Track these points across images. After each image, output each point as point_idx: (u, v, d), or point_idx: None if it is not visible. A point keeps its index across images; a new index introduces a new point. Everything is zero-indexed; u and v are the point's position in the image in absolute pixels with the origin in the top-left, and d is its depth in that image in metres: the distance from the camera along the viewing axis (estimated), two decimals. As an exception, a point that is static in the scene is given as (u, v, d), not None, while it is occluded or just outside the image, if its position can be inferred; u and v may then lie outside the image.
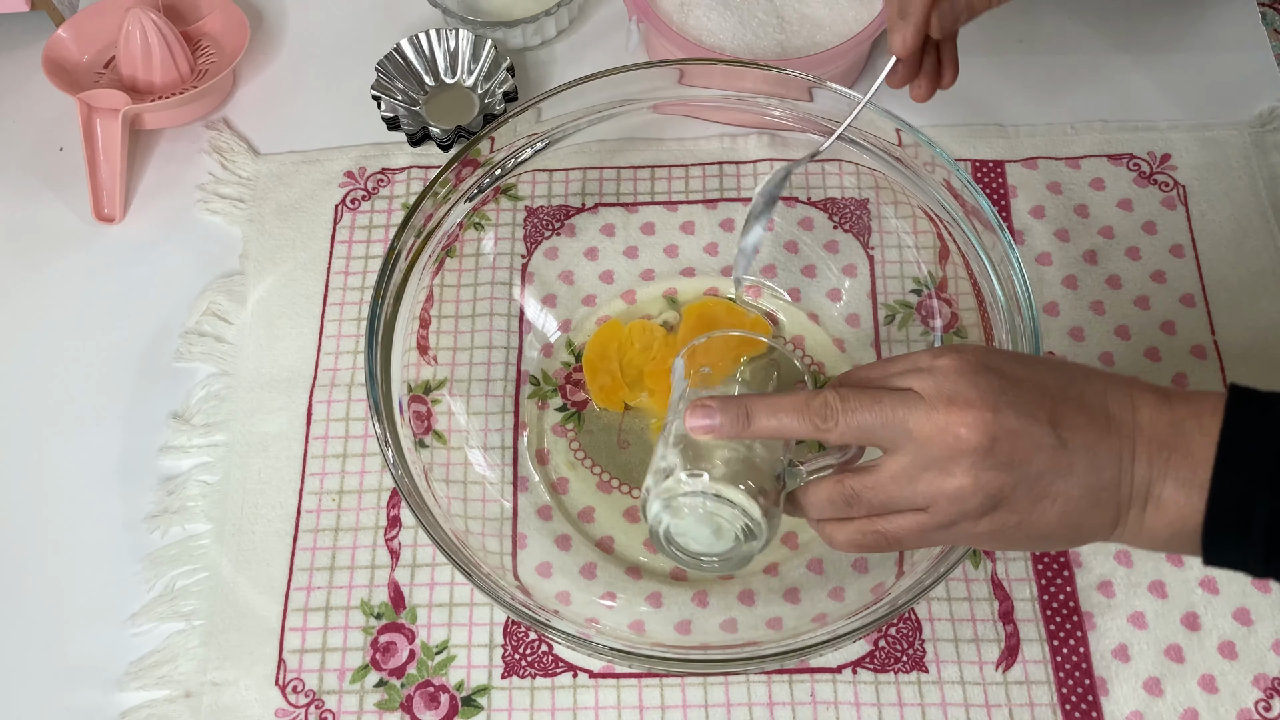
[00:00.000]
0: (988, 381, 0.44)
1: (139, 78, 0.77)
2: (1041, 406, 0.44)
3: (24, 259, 0.74)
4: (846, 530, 0.49)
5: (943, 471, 0.44)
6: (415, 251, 0.62)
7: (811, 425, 0.46)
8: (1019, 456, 0.44)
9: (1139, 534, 0.45)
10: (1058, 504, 0.44)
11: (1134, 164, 0.74)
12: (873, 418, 0.45)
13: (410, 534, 0.64)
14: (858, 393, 0.46)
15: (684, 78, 0.66)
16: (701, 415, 0.48)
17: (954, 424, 0.44)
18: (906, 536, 0.47)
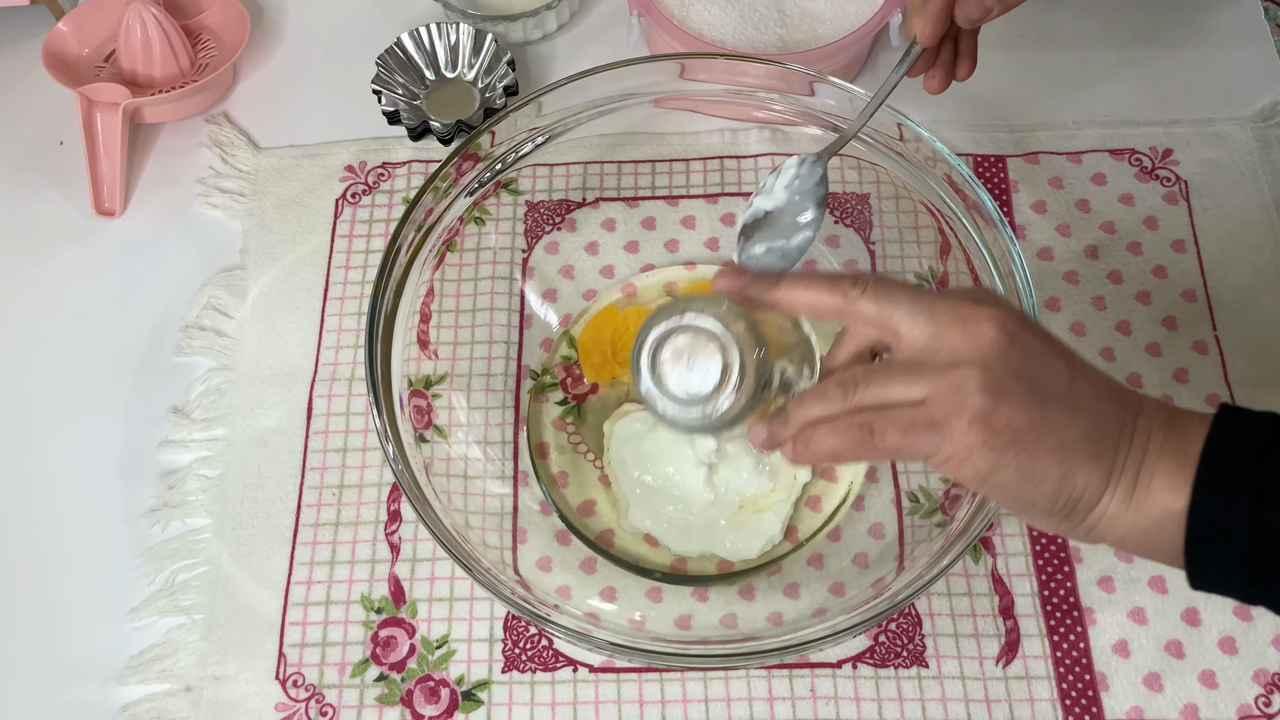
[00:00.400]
0: (1017, 309, 0.46)
1: (139, 71, 0.77)
2: (1059, 350, 0.45)
3: (24, 253, 0.74)
4: (830, 427, 0.46)
5: (953, 360, 0.44)
6: (416, 246, 0.62)
7: (840, 294, 0.47)
8: (1032, 369, 0.43)
9: (1124, 513, 0.43)
10: (1057, 436, 0.43)
11: (1136, 159, 0.74)
12: (902, 294, 0.46)
13: (410, 529, 0.64)
14: (885, 282, 0.47)
15: (685, 72, 0.66)
16: (732, 275, 0.49)
17: (979, 315, 0.44)
18: (893, 433, 0.45)
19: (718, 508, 0.63)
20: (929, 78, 0.62)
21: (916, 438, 0.45)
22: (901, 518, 0.63)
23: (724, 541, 0.62)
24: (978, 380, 0.43)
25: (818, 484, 0.64)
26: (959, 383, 0.43)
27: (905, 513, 0.63)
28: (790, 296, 0.48)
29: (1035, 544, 0.62)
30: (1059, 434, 0.43)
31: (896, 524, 0.63)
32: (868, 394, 0.46)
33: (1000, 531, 0.63)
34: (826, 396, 0.47)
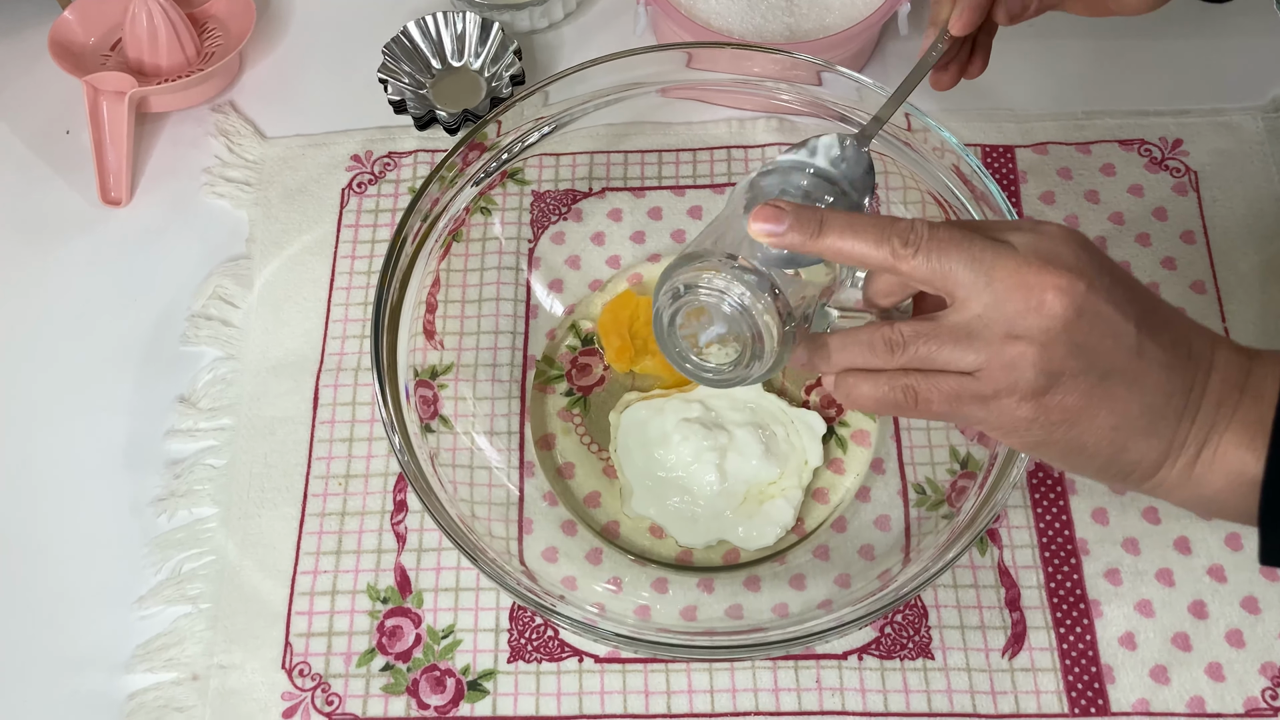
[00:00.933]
0: (1089, 257, 0.41)
1: (145, 60, 0.77)
2: (1133, 305, 0.41)
3: (30, 243, 0.74)
4: (873, 382, 0.44)
5: (1010, 332, 0.41)
6: (422, 236, 0.62)
7: (889, 250, 0.42)
8: (1095, 343, 0.40)
9: (1184, 484, 0.42)
10: (1114, 414, 0.41)
11: (1145, 150, 0.74)
12: (958, 253, 0.41)
13: (416, 518, 0.64)
14: (946, 227, 0.42)
15: (692, 61, 0.66)
16: (770, 216, 0.43)
17: (1044, 284, 0.40)
18: (938, 401, 0.43)
19: (724, 497, 0.63)
20: (940, 73, 0.59)
21: (962, 408, 0.43)
22: (908, 509, 0.63)
23: (736, 530, 0.62)
24: (1034, 358, 0.41)
25: (823, 475, 0.64)
26: (1014, 359, 0.41)
27: (912, 504, 0.63)
28: (835, 245, 0.43)
29: (1042, 536, 0.62)
30: (1115, 411, 0.41)
31: (903, 516, 0.63)
32: (915, 357, 0.43)
33: (1007, 523, 0.63)
34: (872, 350, 0.44)
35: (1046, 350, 0.40)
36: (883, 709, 0.58)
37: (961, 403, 0.43)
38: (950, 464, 0.63)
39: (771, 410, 0.65)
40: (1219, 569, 0.61)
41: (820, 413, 0.65)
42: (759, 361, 0.46)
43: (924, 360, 0.43)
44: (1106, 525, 0.62)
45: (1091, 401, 0.41)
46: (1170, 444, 0.42)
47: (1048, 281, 0.40)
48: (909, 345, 0.43)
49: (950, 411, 0.43)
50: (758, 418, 0.64)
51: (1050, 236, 0.42)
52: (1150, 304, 0.43)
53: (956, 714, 0.58)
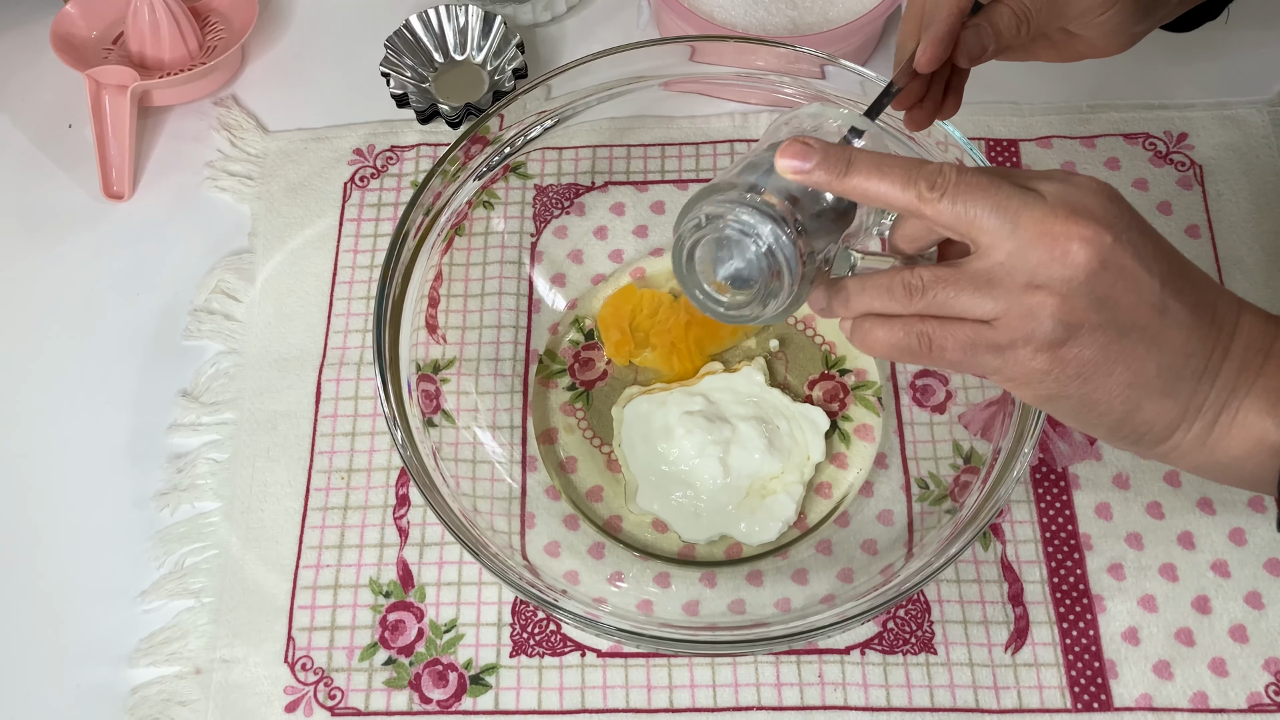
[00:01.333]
0: (1119, 210, 0.41)
1: (147, 54, 0.76)
2: (1159, 261, 0.41)
3: (33, 237, 0.74)
4: (888, 327, 0.44)
5: (1031, 281, 0.40)
6: (424, 230, 0.62)
7: (916, 193, 0.41)
8: (1117, 297, 0.40)
9: (1199, 449, 0.42)
10: (1130, 371, 0.41)
11: (1150, 143, 0.74)
12: (985, 199, 0.40)
13: (419, 513, 0.64)
14: (974, 172, 0.41)
15: (695, 55, 0.65)
16: (797, 152, 0.42)
17: (1069, 234, 0.40)
18: (953, 349, 0.43)
19: (727, 492, 0.63)
20: (916, 111, 0.56)
21: (977, 357, 0.42)
22: (911, 504, 0.63)
23: (738, 525, 0.62)
24: (1053, 308, 0.40)
25: (826, 470, 0.64)
26: (1033, 309, 0.40)
27: (915, 499, 0.63)
28: (862, 186, 0.42)
29: (1045, 531, 0.62)
30: (1132, 369, 0.41)
31: (906, 511, 0.62)
32: (933, 302, 0.42)
33: (1010, 518, 0.63)
34: (890, 294, 0.43)
35: (1067, 301, 0.40)
36: (885, 704, 0.58)
37: (976, 351, 0.42)
38: (953, 459, 0.63)
39: (775, 404, 0.65)
40: (1223, 564, 0.61)
41: (823, 408, 0.65)
42: (775, 300, 0.46)
43: (942, 306, 0.42)
44: (1110, 520, 0.62)
45: (1108, 357, 0.41)
46: (1187, 406, 0.42)
47: (1073, 232, 0.40)
48: (928, 290, 0.42)
49: (964, 360, 0.43)
50: (761, 412, 0.64)
51: (1080, 187, 0.41)
52: (1178, 263, 0.42)
53: (959, 709, 0.58)
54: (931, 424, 0.65)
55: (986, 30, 0.51)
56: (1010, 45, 0.52)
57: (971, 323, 0.42)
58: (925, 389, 0.66)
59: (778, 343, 0.68)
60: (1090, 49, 0.56)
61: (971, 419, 0.63)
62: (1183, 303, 0.41)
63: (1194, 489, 0.63)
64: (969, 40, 0.51)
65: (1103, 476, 0.63)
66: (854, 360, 0.67)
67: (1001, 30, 0.52)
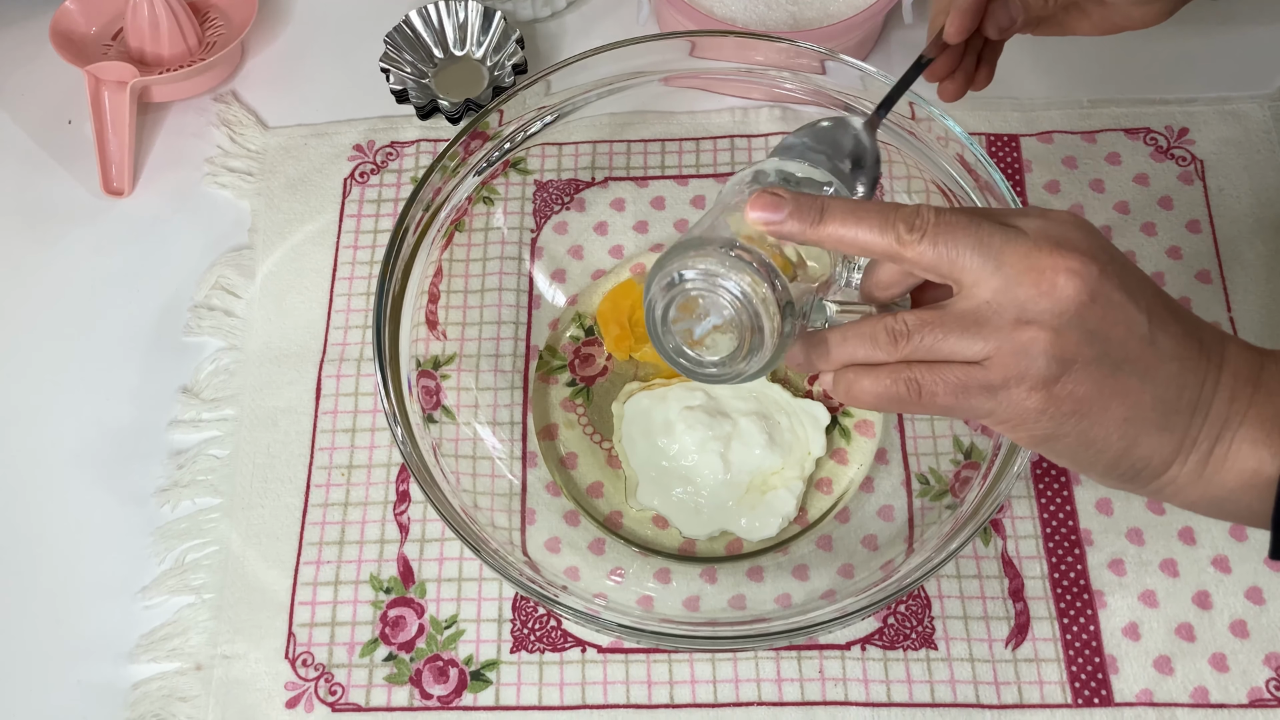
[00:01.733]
0: (1101, 243, 0.40)
1: (147, 50, 0.76)
2: (1143, 294, 0.40)
3: (33, 233, 0.74)
4: (874, 376, 0.42)
5: (1021, 317, 0.39)
6: (424, 226, 0.62)
7: (894, 236, 0.40)
8: (1108, 330, 0.39)
9: (1195, 483, 0.41)
10: (1126, 405, 0.40)
11: (1151, 138, 0.74)
12: (966, 238, 0.39)
13: (419, 509, 0.64)
14: (953, 212, 0.40)
15: (695, 50, 0.65)
16: (767, 204, 0.42)
17: (1056, 266, 0.39)
18: (944, 394, 0.41)
19: (727, 487, 0.63)
20: (948, 83, 0.57)
21: (970, 400, 0.41)
22: (911, 500, 0.63)
23: (739, 521, 0.62)
24: (1045, 344, 0.39)
25: (827, 465, 0.64)
26: (1025, 345, 0.39)
27: (915, 495, 0.63)
28: (838, 234, 0.41)
29: (1045, 526, 0.62)
30: (1127, 403, 0.40)
31: (906, 506, 0.62)
32: (919, 347, 0.41)
33: (1010, 514, 0.63)
34: (874, 342, 0.42)
35: (1059, 335, 0.39)
36: (886, 699, 0.58)
37: (969, 394, 0.41)
38: (954, 454, 0.63)
39: (775, 399, 0.65)
40: (1223, 559, 0.61)
41: (824, 403, 0.65)
42: (756, 355, 0.44)
43: (929, 350, 0.41)
44: (1110, 516, 0.62)
45: (1103, 391, 0.40)
46: (1182, 440, 0.41)
47: (1059, 264, 0.39)
48: (913, 334, 0.41)
49: (956, 404, 0.42)
50: (762, 407, 0.64)
51: (1059, 221, 0.41)
52: (1160, 296, 0.42)
53: (960, 704, 0.58)
54: (932, 419, 0.64)
55: (1015, 2, 0.52)
56: (1040, 16, 0.53)
57: (961, 365, 0.41)
58: (926, 384, 0.66)
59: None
60: (1126, 20, 0.56)
61: (972, 414, 0.63)
62: (1170, 334, 0.41)
63: (1195, 484, 0.63)
64: (997, 12, 0.52)
65: (1103, 472, 0.63)
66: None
67: (1030, 1, 0.52)
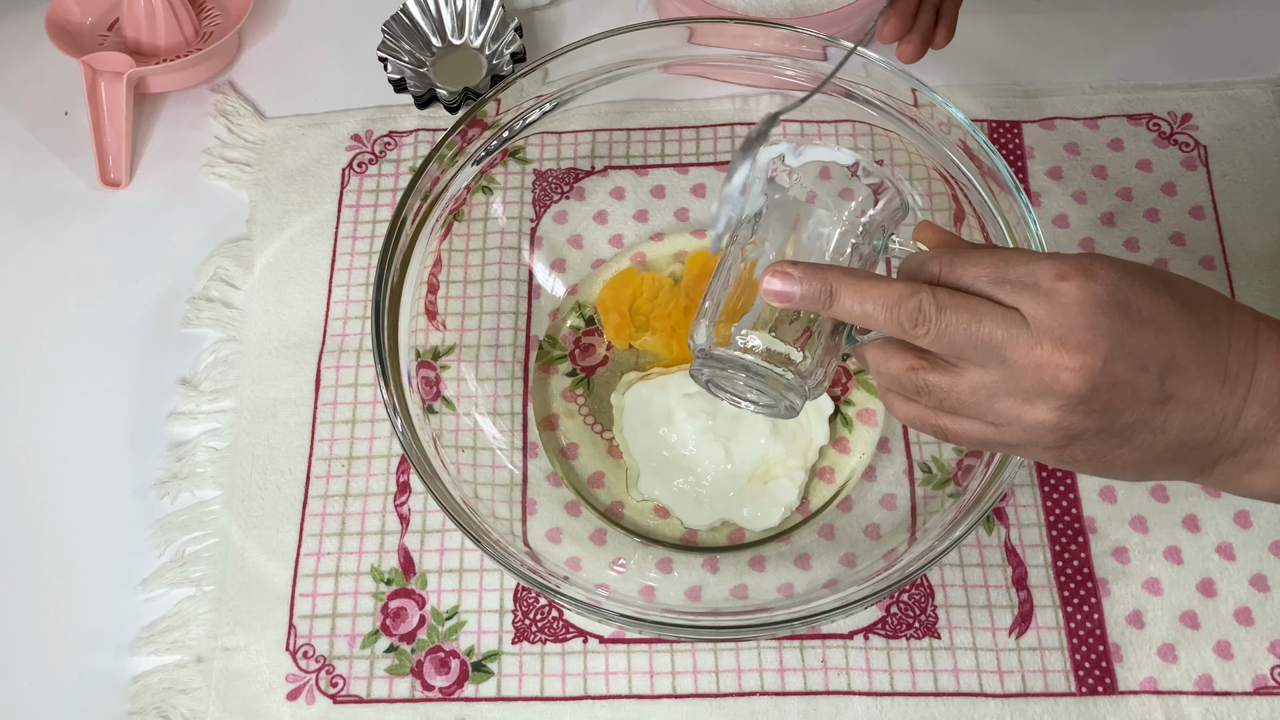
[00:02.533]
0: (1109, 323, 0.40)
1: (143, 40, 0.76)
2: (1158, 355, 0.40)
3: (30, 225, 0.73)
4: (909, 409, 0.46)
5: (1026, 402, 0.41)
6: (422, 216, 0.61)
7: (898, 327, 0.43)
8: (1114, 405, 0.41)
9: (1235, 486, 0.43)
10: (1137, 452, 0.42)
11: (1154, 124, 0.73)
12: (967, 336, 0.41)
13: (420, 500, 0.63)
14: (956, 303, 0.42)
15: (694, 37, 0.65)
16: (780, 280, 0.44)
17: (1057, 365, 0.40)
18: (966, 440, 0.45)
19: (729, 477, 0.62)
20: (904, 43, 0.57)
21: (990, 447, 0.46)
22: (914, 488, 0.62)
23: (741, 510, 0.62)
24: (1052, 425, 0.42)
25: (829, 454, 0.64)
26: (1032, 425, 0.42)
27: (918, 483, 0.62)
28: (845, 311, 0.44)
29: (1049, 515, 0.62)
30: (1139, 449, 0.42)
31: (909, 494, 0.62)
32: (940, 404, 0.44)
33: (1014, 502, 0.62)
34: (901, 386, 0.45)
35: (1064, 419, 0.41)
36: (889, 688, 0.58)
37: (988, 443, 0.45)
38: (956, 442, 0.62)
39: (776, 389, 0.65)
40: (1228, 547, 0.61)
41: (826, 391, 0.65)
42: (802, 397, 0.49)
43: (951, 408, 0.44)
44: (1114, 504, 0.62)
45: (1112, 447, 0.42)
46: (1203, 464, 0.43)
47: (1060, 363, 0.40)
48: (932, 394, 0.44)
49: (980, 447, 0.46)
50: (763, 397, 0.64)
51: (1065, 307, 0.40)
52: (1183, 331, 0.41)
53: (963, 693, 0.58)
54: (934, 408, 0.64)
55: None
56: None
57: (980, 423, 0.44)
58: (928, 373, 0.65)
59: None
60: None
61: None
62: (1188, 381, 0.41)
63: (1199, 471, 0.63)
64: None
65: (1107, 459, 0.63)
66: (856, 344, 0.67)
67: None
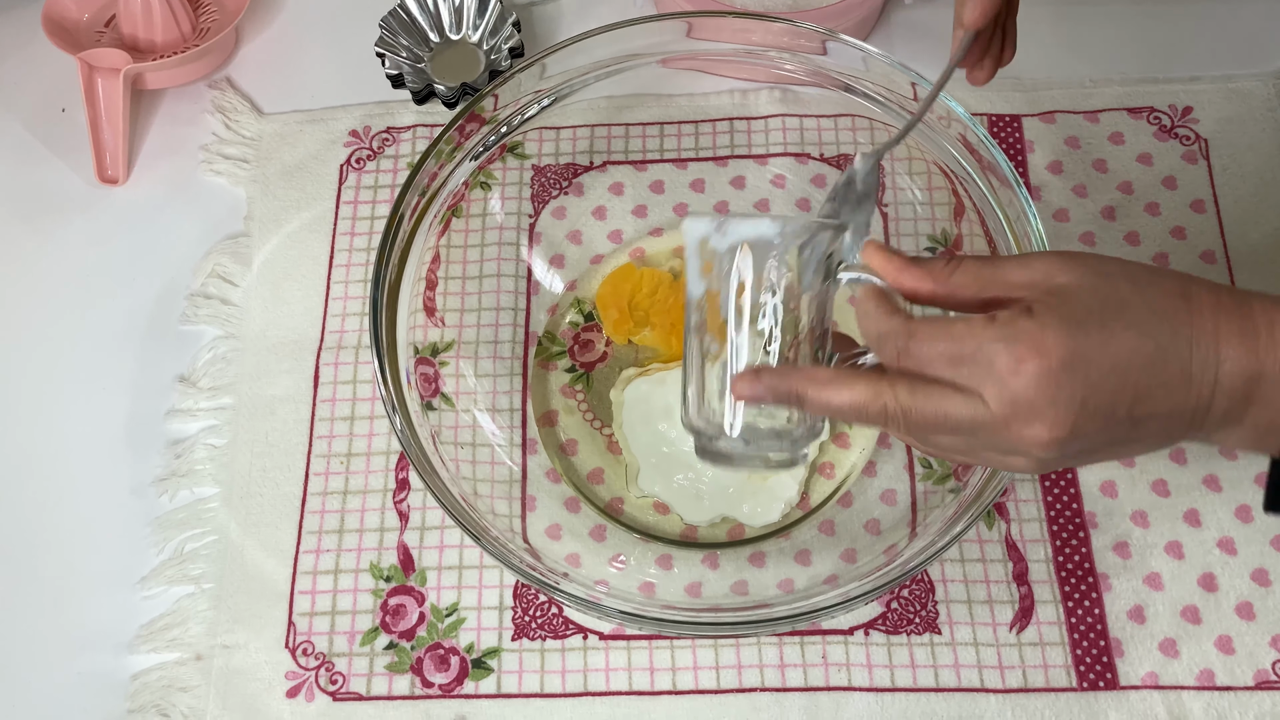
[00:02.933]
0: (1068, 394, 0.40)
1: (140, 36, 0.76)
2: (1123, 398, 0.41)
3: (27, 222, 0.73)
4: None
5: (1004, 455, 0.43)
6: (420, 212, 0.61)
7: (871, 423, 0.44)
8: (1088, 447, 0.42)
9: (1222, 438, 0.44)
10: (1117, 457, 0.45)
11: (1155, 117, 0.73)
12: (938, 423, 0.42)
13: (419, 496, 0.63)
14: (919, 401, 0.42)
15: (693, 31, 0.65)
16: (748, 386, 0.45)
17: (1027, 439, 0.41)
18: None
19: (730, 473, 0.62)
20: (978, 68, 0.56)
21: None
22: (914, 483, 0.62)
23: (741, 506, 0.62)
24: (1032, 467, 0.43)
25: (829, 449, 0.64)
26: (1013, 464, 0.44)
27: (918, 479, 0.62)
28: (815, 410, 0.45)
29: (1050, 509, 0.62)
30: (1121, 454, 0.44)
31: (909, 490, 0.62)
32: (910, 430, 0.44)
33: (1014, 497, 0.62)
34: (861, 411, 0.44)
35: (1039, 460, 0.43)
36: (889, 684, 0.58)
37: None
38: (957, 438, 0.62)
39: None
40: (1229, 541, 0.60)
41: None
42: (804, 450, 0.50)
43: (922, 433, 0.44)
44: (1115, 498, 0.62)
45: (1095, 457, 0.44)
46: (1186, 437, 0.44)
47: (1030, 437, 0.41)
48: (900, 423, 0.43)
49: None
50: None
51: (1022, 388, 0.40)
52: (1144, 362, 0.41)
53: (964, 689, 0.58)
54: (934, 403, 0.64)
55: None
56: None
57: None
58: (928, 368, 0.65)
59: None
60: None
61: (975, 397, 0.63)
62: (1154, 408, 0.41)
63: (1200, 466, 0.62)
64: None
65: (1108, 454, 0.63)
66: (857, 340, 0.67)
67: None
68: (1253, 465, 0.62)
